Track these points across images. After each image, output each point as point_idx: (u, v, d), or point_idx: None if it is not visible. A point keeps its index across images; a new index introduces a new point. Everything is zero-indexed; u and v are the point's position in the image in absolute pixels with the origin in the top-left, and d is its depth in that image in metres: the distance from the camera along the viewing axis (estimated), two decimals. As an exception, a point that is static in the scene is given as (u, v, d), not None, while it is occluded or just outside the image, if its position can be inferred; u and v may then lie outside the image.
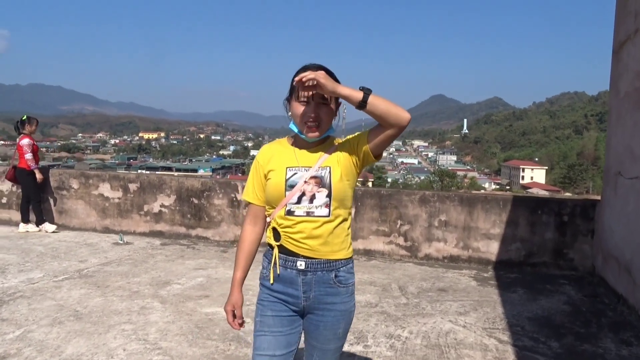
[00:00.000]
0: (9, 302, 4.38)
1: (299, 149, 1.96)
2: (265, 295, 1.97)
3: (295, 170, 1.90)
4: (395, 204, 6.46)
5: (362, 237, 6.57)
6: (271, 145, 2.05)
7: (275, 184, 1.90)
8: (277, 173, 1.92)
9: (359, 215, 6.57)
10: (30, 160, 7.34)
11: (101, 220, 7.56)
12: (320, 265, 1.89)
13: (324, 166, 1.90)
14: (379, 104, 1.78)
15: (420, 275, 5.73)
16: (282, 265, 1.91)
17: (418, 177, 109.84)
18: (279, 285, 1.93)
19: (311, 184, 1.87)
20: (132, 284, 4.99)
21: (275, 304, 1.95)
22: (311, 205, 1.87)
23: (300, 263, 1.89)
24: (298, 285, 1.90)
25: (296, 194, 1.87)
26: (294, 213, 1.87)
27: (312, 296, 1.91)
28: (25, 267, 5.50)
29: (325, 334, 1.95)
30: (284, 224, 1.90)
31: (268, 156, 1.99)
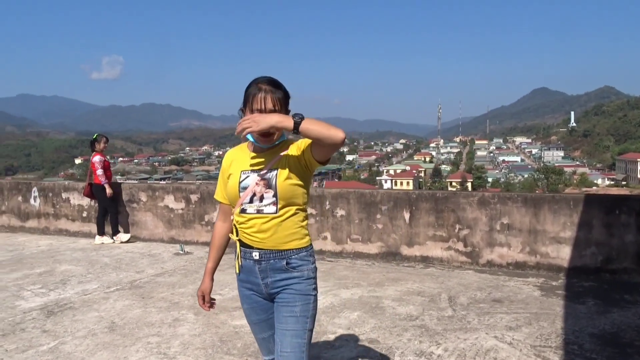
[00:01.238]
0: (57, 313, 4.59)
1: (254, 154, 2.16)
2: (239, 287, 2.24)
3: (247, 174, 2.13)
4: (452, 207, 6.02)
5: (419, 242, 6.20)
6: (233, 150, 2.28)
7: (231, 186, 2.16)
8: (233, 176, 2.16)
9: (414, 220, 6.20)
10: (101, 176, 7.76)
11: (167, 231, 7.82)
12: (272, 255, 2.11)
13: (273, 168, 2.10)
14: (311, 129, 1.92)
15: (477, 284, 5.27)
16: (243, 257, 2.16)
17: (521, 175, 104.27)
18: (243, 275, 2.19)
19: (260, 185, 2.09)
20: (175, 295, 5.05)
21: (247, 296, 2.22)
22: (261, 204, 2.09)
23: (255, 254, 2.12)
24: (256, 273, 2.14)
25: (248, 194, 2.10)
26: (247, 211, 2.11)
27: (270, 282, 2.14)
28: (85, 278, 5.78)
29: (283, 311, 2.12)
30: (240, 221, 2.14)
31: (229, 161, 2.24)
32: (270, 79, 2.09)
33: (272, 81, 2.09)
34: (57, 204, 8.83)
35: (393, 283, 5.34)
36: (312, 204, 6.76)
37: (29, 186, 9.19)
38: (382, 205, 6.37)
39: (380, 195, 6.39)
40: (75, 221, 8.65)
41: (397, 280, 5.43)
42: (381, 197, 6.38)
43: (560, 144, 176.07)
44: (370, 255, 6.45)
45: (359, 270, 5.89)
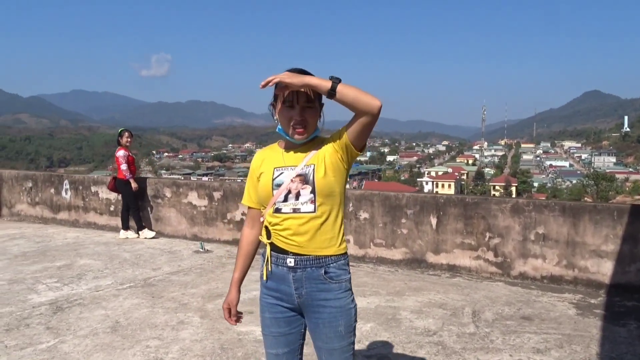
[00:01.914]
0: (65, 309, 4.49)
1: (287, 151, 2.01)
2: (263, 295, 2.03)
3: (281, 170, 1.96)
4: (482, 213, 5.64)
5: (445, 250, 5.84)
6: (264, 150, 2.12)
7: (264, 184, 1.97)
8: (265, 174, 1.99)
9: (441, 226, 5.85)
10: (126, 171, 7.72)
11: (190, 227, 7.71)
12: (309, 262, 1.92)
13: (309, 164, 1.93)
14: (347, 92, 1.80)
15: (507, 298, 4.88)
16: (274, 263, 1.96)
17: (569, 181, 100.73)
18: (272, 283, 1.98)
19: (296, 182, 1.91)
20: (185, 296, 4.89)
21: (272, 305, 2.00)
22: (297, 202, 1.91)
23: (290, 260, 1.93)
24: (290, 282, 1.94)
25: (283, 192, 1.92)
26: (281, 210, 1.92)
27: (305, 293, 1.94)
28: (101, 273, 5.70)
29: (326, 332, 1.95)
30: (273, 222, 1.95)
31: (259, 161, 2.07)
32: (301, 69, 1.91)
33: (303, 71, 1.91)
34: (86, 197, 8.88)
35: (414, 293, 5.02)
36: (336, 205, 6.49)
37: (60, 179, 9.29)
38: (408, 209, 6.04)
39: (406, 198, 6.07)
40: (103, 215, 8.68)
41: (419, 290, 5.10)
42: (407, 201, 6.05)
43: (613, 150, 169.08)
44: (394, 261, 6.13)
45: (380, 277, 5.59)
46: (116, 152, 7.86)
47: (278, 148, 2.05)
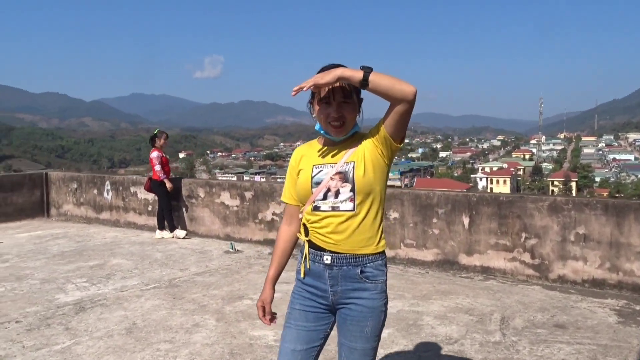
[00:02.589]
0: (87, 309, 4.55)
1: (326, 148, 1.99)
2: (298, 288, 2.03)
3: (320, 168, 1.95)
4: (517, 212, 5.31)
5: (479, 251, 5.55)
6: (302, 147, 2.10)
7: (302, 181, 1.96)
8: (304, 171, 1.97)
9: (474, 226, 5.56)
10: (159, 172, 7.82)
11: (223, 227, 7.72)
12: (346, 260, 1.90)
13: (349, 161, 1.91)
14: (380, 81, 1.77)
15: (541, 303, 4.56)
16: (312, 260, 1.96)
17: (634, 175, 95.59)
18: (309, 279, 1.98)
19: (336, 180, 1.89)
20: (206, 297, 4.85)
21: (305, 298, 1.99)
22: (336, 200, 1.89)
23: (327, 257, 1.92)
24: (325, 279, 1.94)
25: (322, 190, 1.91)
26: (320, 208, 1.91)
27: (340, 290, 1.93)
28: (130, 274, 5.77)
29: (352, 329, 1.93)
30: (311, 220, 1.95)
31: (298, 157, 2.05)
32: (337, 64, 1.86)
33: (340, 65, 1.84)
34: (126, 198, 9.08)
35: (441, 296, 4.78)
36: (365, 204, 6.31)
37: (102, 180, 9.54)
38: (439, 209, 5.78)
39: (437, 197, 5.81)
40: (141, 215, 8.84)
41: (447, 294, 4.86)
42: (438, 200, 5.79)
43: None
44: (425, 262, 5.89)
45: (408, 280, 5.37)
46: (150, 154, 7.97)
47: (317, 145, 2.03)
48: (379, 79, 1.76)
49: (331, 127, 1.91)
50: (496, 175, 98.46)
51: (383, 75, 1.76)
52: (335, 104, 1.88)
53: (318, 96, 1.90)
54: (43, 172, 10.58)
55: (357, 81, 1.77)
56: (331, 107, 1.89)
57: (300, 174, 2.00)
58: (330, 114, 1.89)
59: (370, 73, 1.76)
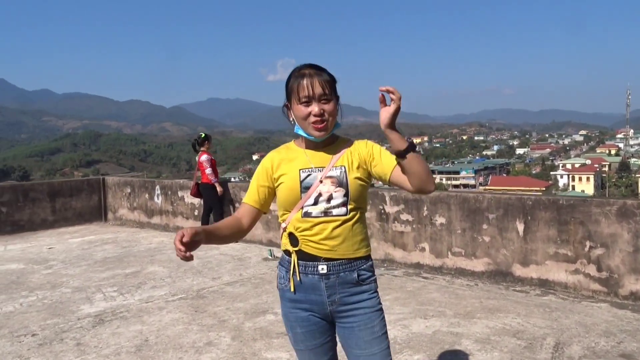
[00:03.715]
0: (106, 322, 4.38)
1: (310, 150, 1.92)
2: (288, 308, 1.91)
3: (308, 172, 1.87)
4: (580, 217, 4.61)
5: (536, 262, 4.89)
6: (278, 150, 1.99)
7: (290, 187, 1.86)
8: (289, 177, 1.87)
9: (530, 233, 4.90)
10: (211, 175, 7.68)
11: (266, 233, 7.45)
12: (342, 266, 1.85)
13: (338, 165, 1.87)
14: (416, 163, 1.78)
15: (607, 326, 3.88)
16: (303, 272, 1.85)
17: None
18: (301, 294, 1.87)
19: (327, 184, 1.84)
20: (229, 311, 4.55)
21: (303, 318, 1.89)
22: (329, 205, 1.83)
23: (322, 267, 1.84)
24: (321, 290, 1.85)
25: (312, 195, 1.84)
26: (311, 214, 1.84)
27: (337, 299, 1.86)
28: (161, 282, 5.59)
29: (363, 335, 1.86)
30: (301, 227, 1.85)
31: (276, 161, 1.93)
32: (311, 64, 1.89)
33: (314, 65, 1.88)
34: (174, 202, 9.04)
35: (488, 315, 4.19)
36: (409, 209, 5.79)
37: (153, 184, 9.58)
38: (489, 213, 5.16)
39: (487, 200, 5.19)
40: (188, 219, 8.76)
41: (495, 311, 4.26)
42: (488, 203, 5.18)
43: None
44: (475, 273, 5.29)
45: (453, 293, 4.81)
46: (199, 158, 7.84)
47: (296, 148, 1.95)
48: (416, 160, 1.77)
49: (312, 126, 1.84)
50: (579, 172, 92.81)
51: (420, 160, 1.78)
52: (315, 102, 1.82)
53: (296, 96, 1.84)
54: (100, 178, 10.82)
55: (397, 147, 1.78)
56: (312, 106, 1.83)
57: (282, 179, 1.89)
58: (311, 112, 1.82)
59: (414, 148, 1.77)
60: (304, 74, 1.84)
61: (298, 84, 1.82)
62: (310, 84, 1.81)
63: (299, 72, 1.85)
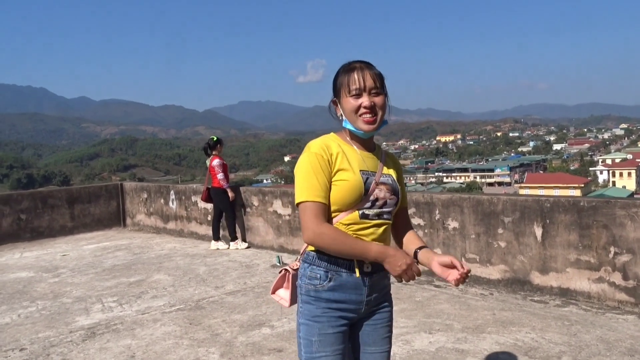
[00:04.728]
0: (96, 336, 4.21)
1: (361, 152, 1.90)
2: (322, 309, 1.84)
3: (367, 175, 1.87)
4: (603, 221, 4.20)
5: (555, 269, 4.50)
6: (329, 142, 1.89)
7: (354, 187, 1.82)
8: (351, 174, 1.83)
9: (549, 238, 4.52)
10: (223, 180, 7.50)
11: (277, 238, 7.22)
12: (380, 266, 1.82)
13: (387, 173, 1.92)
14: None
15: (632, 342, 3.49)
16: (347, 272, 1.82)
17: None
18: (339, 294, 1.83)
19: (383, 190, 1.87)
20: (225, 323, 4.33)
21: (335, 318, 1.85)
22: (381, 210, 1.87)
23: (367, 265, 1.83)
24: (362, 289, 1.85)
25: (370, 197, 1.85)
26: (369, 216, 1.84)
27: (374, 298, 1.89)
28: (162, 292, 5.42)
29: (382, 332, 1.93)
30: (356, 227, 1.83)
31: (334, 153, 1.85)
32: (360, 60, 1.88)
33: (364, 60, 1.88)
34: (188, 207, 8.92)
35: (499, 328, 3.85)
36: (420, 212, 5.46)
37: (168, 189, 9.49)
38: (505, 217, 4.79)
39: (502, 203, 4.82)
40: (202, 224, 8.62)
41: (508, 325, 3.91)
42: (503, 206, 4.81)
43: None
44: (490, 281, 4.93)
45: (464, 304, 4.47)
46: (211, 162, 7.68)
47: (345, 145, 1.89)
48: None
49: (362, 119, 1.83)
50: (619, 168, 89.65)
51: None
52: (366, 95, 1.82)
53: (347, 89, 1.83)
54: (119, 183, 10.81)
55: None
56: (362, 98, 1.82)
57: (343, 176, 1.81)
58: (362, 105, 1.81)
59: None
60: (354, 67, 1.84)
61: (349, 76, 1.82)
62: (361, 77, 1.81)
63: (350, 66, 1.85)
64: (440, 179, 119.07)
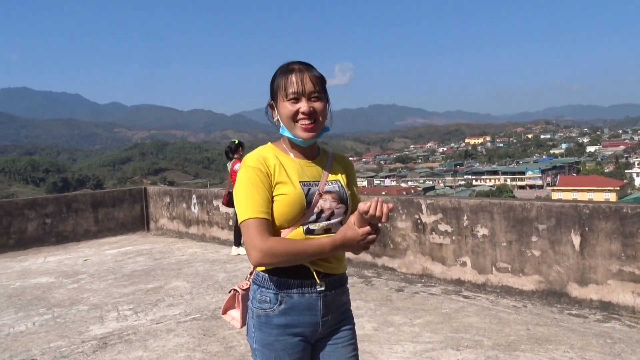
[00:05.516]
0: (107, 347, 4.06)
1: (300, 161, 1.76)
2: (275, 336, 1.69)
3: (308, 185, 1.72)
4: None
5: (595, 281, 4.16)
6: (265, 153, 1.75)
7: (295, 201, 1.67)
8: (291, 187, 1.69)
9: (588, 247, 4.18)
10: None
11: (298, 244, 7.01)
12: (336, 282, 1.74)
13: (332, 180, 1.77)
14: None
15: (685, 364, 3.14)
16: (300, 292, 1.70)
17: None
18: (293, 317, 1.70)
19: (328, 200, 1.72)
20: (240, 335, 4.13)
21: (291, 345, 1.71)
22: (329, 222, 1.71)
23: (320, 284, 1.70)
24: (317, 310, 1.72)
25: (315, 210, 1.70)
26: (315, 231, 1.69)
27: (331, 318, 1.75)
28: (179, 300, 5.27)
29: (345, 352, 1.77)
30: None
31: (271, 165, 1.71)
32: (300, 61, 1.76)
33: (303, 62, 1.76)
34: (210, 212, 8.79)
35: (534, 346, 3.54)
36: (447, 218, 5.18)
37: (190, 193, 9.39)
38: (539, 224, 4.47)
39: (536, 209, 4.50)
40: (223, 229, 8.47)
41: (543, 342, 3.60)
42: (537, 212, 4.49)
43: None
44: (523, 292, 4.61)
45: (495, 317, 4.16)
46: (232, 166, 7.52)
47: (284, 154, 1.75)
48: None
49: (300, 126, 1.69)
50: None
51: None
52: (304, 99, 1.68)
53: (284, 92, 1.69)
54: (142, 188, 10.77)
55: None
56: (300, 103, 1.68)
57: (283, 190, 1.67)
58: (300, 110, 1.68)
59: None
60: (293, 69, 1.70)
61: (287, 79, 1.69)
62: (300, 80, 1.68)
63: (288, 67, 1.72)
64: (469, 182, 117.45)
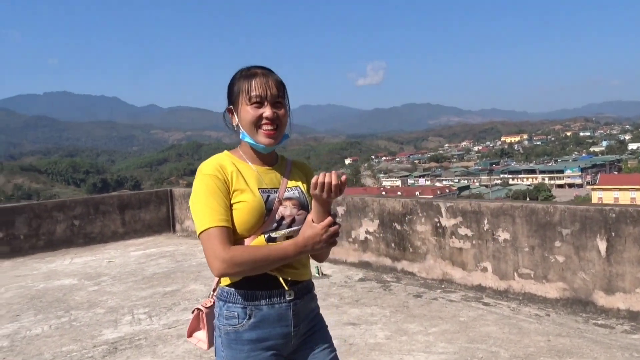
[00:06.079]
0: (117, 352, 4.05)
1: (256, 166, 1.74)
2: (246, 353, 1.64)
3: (267, 192, 1.70)
4: (681, 235, 3.60)
5: (623, 289, 3.92)
6: (222, 161, 1.72)
7: (254, 209, 1.65)
8: (249, 195, 1.66)
9: (615, 253, 3.94)
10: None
11: (318, 247, 6.91)
12: (304, 289, 1.73)
13: (292, 186, 1.77)
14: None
15: None
16: (269, 304, 1.65)
17: None
18: (264, 330, 1.65)
19: (288, 206, 1.71)
20: (249, 342, 4.06)
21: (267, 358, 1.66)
22: (291, 229, 1.69)
23: (289, 293, 1.67)
24: (288, 320, 1.68)
25: (275, 218, 1.68)
26: (276, 239, 1.66)
27: (302, 327, 1.72)
28: (195, 303, 5.24)
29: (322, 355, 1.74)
30: None
31: (229, 172, 1.68)
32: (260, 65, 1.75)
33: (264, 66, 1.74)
34: (232, 214, 8.78)
35: (554, 359, 3.34)
36: (467, 222, 4.99)
37: (213, 195, 9.40)
38: (563, 228, 4.24)
39: (560, 212, 4.27)
40: (246, 231, 8.45)
41: (565, 355, 3.40)
42: (561, 216, 4.26)
43: None
44: (547, 300, 4.39)
45: (515, 327, 3.97)
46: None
47: (240, 161, 1.74)
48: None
49: (263, 132, 1.67)
50: None
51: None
52: (268, 105, 1.67)
53: (246, 96, 1.66)
54: (168, 189, 10.87)
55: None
56: (264, 108, 1.67)
57: (242, 197, 1.64)
58: (262, 115, 1.66)
59: None
60: (256, 73, 1.68)
61: (249, 83, 1.66)
62: (264, 84, 1.66)
63: (250, 71, 1.70)
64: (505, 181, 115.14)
